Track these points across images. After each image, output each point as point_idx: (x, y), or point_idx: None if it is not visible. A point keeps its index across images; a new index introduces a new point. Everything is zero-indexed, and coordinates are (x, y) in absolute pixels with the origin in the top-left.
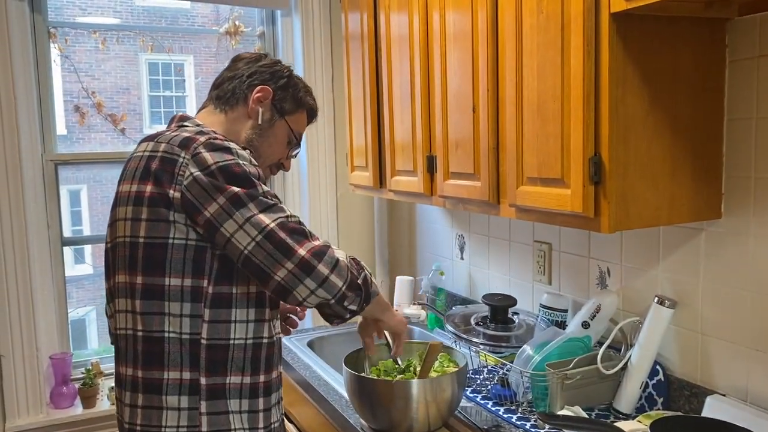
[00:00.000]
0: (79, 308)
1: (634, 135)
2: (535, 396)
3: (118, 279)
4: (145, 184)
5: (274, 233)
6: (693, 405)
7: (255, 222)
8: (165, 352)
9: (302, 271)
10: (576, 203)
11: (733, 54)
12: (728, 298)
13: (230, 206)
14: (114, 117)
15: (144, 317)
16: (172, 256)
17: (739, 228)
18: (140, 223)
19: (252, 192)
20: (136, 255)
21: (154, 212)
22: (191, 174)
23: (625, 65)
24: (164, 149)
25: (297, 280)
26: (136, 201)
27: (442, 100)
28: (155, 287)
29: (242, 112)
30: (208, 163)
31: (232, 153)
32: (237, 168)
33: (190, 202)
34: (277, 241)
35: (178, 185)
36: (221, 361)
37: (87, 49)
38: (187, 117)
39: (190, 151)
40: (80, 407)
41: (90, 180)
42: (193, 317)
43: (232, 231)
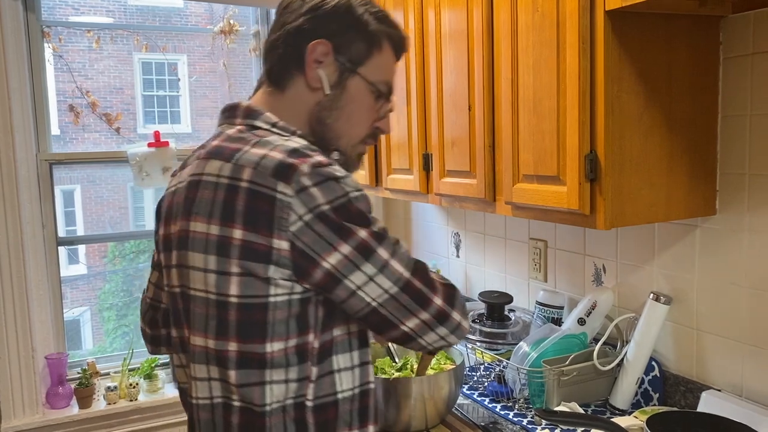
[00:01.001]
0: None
1: (630, 132)
2: (531, 393)
3: (196, 341)
4: (230, 226)
5: (411, 283)
6: (689, 400)
7: (389, 272)
8: (266, 427)
9: (437, 320)
10: (572, 200)
11: (727, 51)
12: (723, 294)
13: (358, 255)
14: (109, 116)
15: (241, 390)
16: (275, 318)
17: (733, 224)
18: (229, 279)
19: (376, 233)
20: (225, 317)
21: (248, 266)
22: (300, 217)
23: (621, 63)
24: (252, 179)
25: (428, 329)
26: (220, 249)
27: (437, 98)
28: (254, 355)
29: (301, 84)
30: (319, 203)
31: (340, 182)
32: (353, 206)
33: (302, 254)
34: (415, 291)
35: (283, 232)
36: (331, 422)
37: (81, 48)
38: (255, 111)
39: (292, 186)
40: (76, 407)
41: (84, 180)
42: (300, 381)
43: (360, 283)
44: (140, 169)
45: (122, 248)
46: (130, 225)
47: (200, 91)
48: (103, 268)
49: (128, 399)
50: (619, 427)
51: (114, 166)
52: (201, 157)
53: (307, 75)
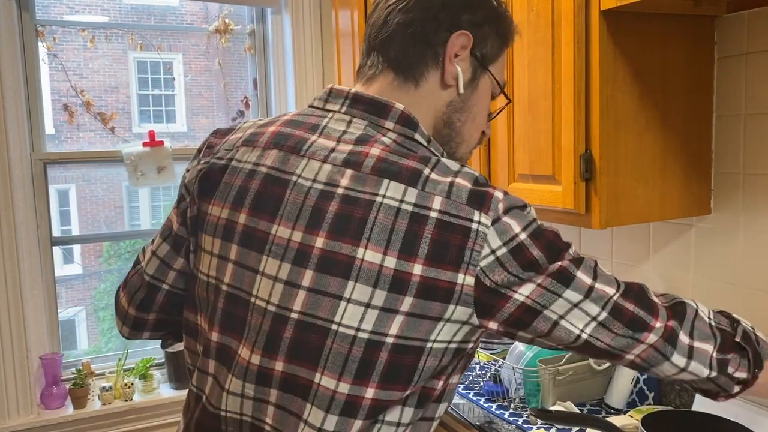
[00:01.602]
0: (69, 308)
1: (625, 131)
2: (527, 392)
3: (317, 378)
4: (410, 259)
5: (622, 306)
6: (683, 399)
7: (597, 296)
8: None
9: (667, 343)
10: (567, 200)
11: (722, 51)
12: (718, 293)
13: (556, 283)
14: (103, 116)
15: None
16: (425, 364)
17: (728, 224)
18: (394, 317)
19: (574, 257)
20: (374, 359)
21: (424, 306)
22: (492, 251)
23: (616, 62)
24: (443, 209)
25: (660, 355)
26: (394, 285)
27: None
28: (386, 403)
29: (435, 79)
30: (515, 233)
31: (527, 211)
32: (548, 234)
33: (489, 291)
34: (628, 316)
35: (472, 266)
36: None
37: (75, 47)
38: (411, 120)
39: (489, 215)
40: (71, 408)
41: (79, 179)
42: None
43: (562, 312)
44: (135, 168)
45: (117, 248)
46: (126, 224)
47: (196, 90)
48: (99, 267)
49: (123, 399)
50: (615, 426)
51: (109, 166)
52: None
53: (446, 70)
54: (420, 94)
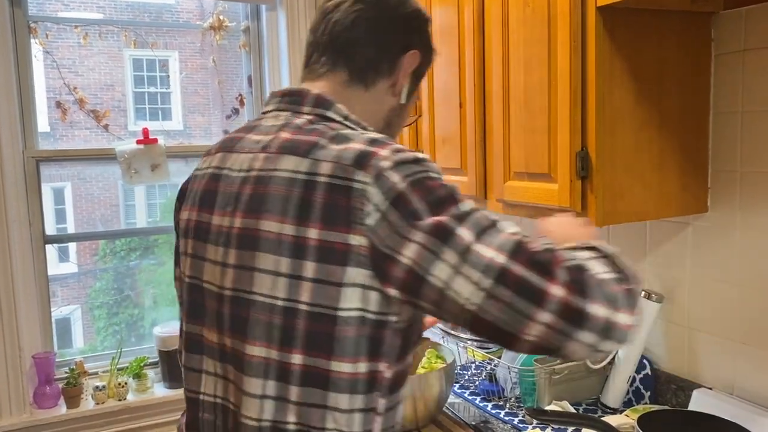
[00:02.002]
0: (64, 307)
1: (621, 129)
2: (522, 391)
3: (251, 350)
4: (307, 225)
5: (508, 272)
6: (680, 399)
7: (475, 259)
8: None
9: (567, 322)
10: (563, 198)
11: (719, 48)
12: (715, 292)
13: (434, 241)
14: (96, 113)
15: (300, 409)
16: (342, 333)
17: (725, 222)
18: (302, 285)
19: (457, 212)
20: (293, 326)
21: (325, 270)
22: (376, 207)
23: (612, 59)
24: (331, 172)
25: (562, 336)
26: (295, 250)
27: (428, 95)
28: (318, 372)
29: (385, 85)
30: (394, 183)
31: (421, 165)
32: (433, 183)
33: (379, 252)
34: (516, 283)
35: (360, 226)
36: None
37: (70, 45)
38: (326, 100)
39: (370, 174)
40: (64, 407)
41: (74, 177)
42: (366, 411)
43: (445, 278)
44: (129, 166)
45: (113, 246)
46: (121, 223)
47: (191, 87)
48: (94, 266)
49: (117, 398)
50: (610, 426)
51: (105, 164)
52: (270, 151)
53: (398, 81)
54: (369, 95)
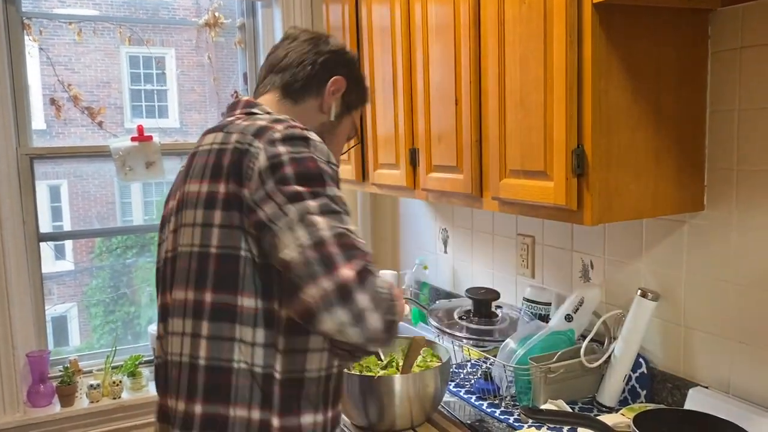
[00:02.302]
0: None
1: (617, 127)
2: (518, 390)
3: (176, 295)
4: (218, 182)
5: (324, 243)
6: (676, 397)
7: (308, 224)
8: (232, 386)
9: (338, 296)
10: (559, 196)
11: (716, 45)
12: (711, 291)
13: (287, 203)
14: (91, 110)
15: (211, 342)
16: (246, 272)
17: (721, 220)
18: (212, 231)
19: (318, 190)
20: (206, 268)
21: (229, 217)
22: (260, 168)
23: (608, 56)
24: (236, 139)
25: (328, 304)
26: (208, 203)
27: (424, 92)
28: (227, 307)
29: (314, 105)
30: (279, 155)
31: (309, 146)
32: (311, 164)
33: (250, 203)
34: (325, 253)
35: (248, 181)
36: (295, 399)
37: (66, 42)
38: (255, 103)
39: (263, 141)
40: (58, 406)
41: (70, 175)
42: (267, 347)
43: (280, 227)
44: (123, 163)
45: (109, 244)
46: (118, 220)
47: (188, 85)
48: (90, 264)
49: (111, 397)
50: (606, 425)
51: (101, 161)
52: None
53: (325, 100)
54: (297, 109)
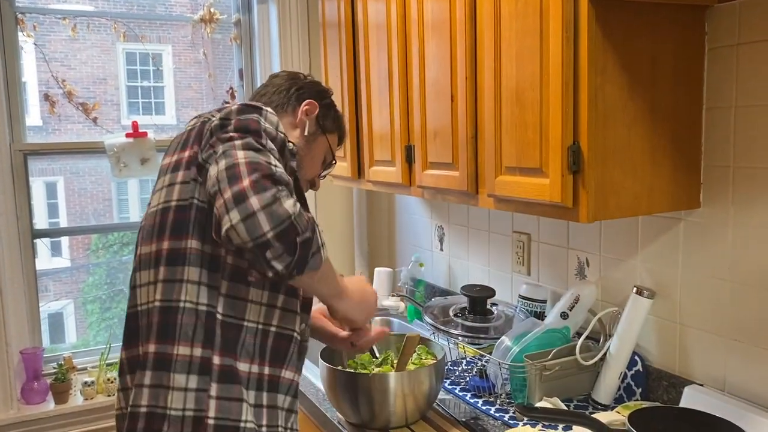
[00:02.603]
0: (56, 302)
1: (613, 123)
2: (513, 387)
3: (142, 250)
4: (184, 150)
5: (237, 165)
6: (671, 395)
7: (228, 154)
8: (178, 324)
9: (233, 201)
10: (554, 193)
11: (713, 41)
12: (707, 288)
13: (219, 144)
14: (86, 106)
15: (165, 285)
16: (195, 217)
17: (717, 218)
18: (174, 188)
19: (246, 136)
20: (166, 220)
21: (188, 174)
22: (210, 128)
23: (605, 52)
24: (204, 117)
25: (225, 210)
26: (174, 168)
27: (420, 88)
28: (179, 251)
29: (289, 121)
30: (228, 118)
31: (260, 113)
32: (252, 123)
33: (201, 152)
34: (234, 172)
35: (202, 140)
36: (234, 342)
37: (62, 38)
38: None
39: (220, 113)
40: (52, 403)
41: (67, 172)
42: (211, 287)
43: (210, 163)
44: (118, 159)
45: (106, 241)
46: (114, 217)
47: (185, 81)
48: (87, 260)
49: (106, 394)
50: (601, 423)
51: (97, 158)
52: None
53: (298, 119)
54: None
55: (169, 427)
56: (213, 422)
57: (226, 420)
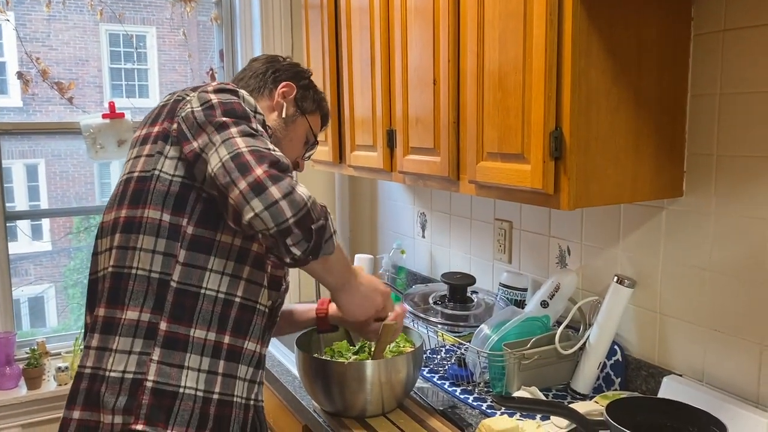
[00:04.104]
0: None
1: (597, 109)
2: (492, 376)
3: (105, 218)
4: (154, 125)
5: (242, 155)
6: (650, 385)
7: (229, 143)
8: (128, 290)
9: (252, 191)
10: (536, 179)
11: (699, 28)
12: (687, 278)
13: (215, 132)
14: (60, 85)
15: (118, 251)
16: (155, 187)
17: (700, 207)
18: (140, 159)
19: (240, 122)
20: (127, 190)
21: (154, 147)
22: (191, 108)
23: (589, 36)
24: (177, 94)
25: (245, 200)
26: (142, 141)
27: (402, 72)
28: (133, 220)
29: (266, 105)
30: (209, 100)
31: (238, 96)
32: (237, 106)
33: (182, 133)
34: (241, 162)
35: (177, 118)
36: (188, 310)
37: (43, 17)
38: None
39: (197, 92)
40: (25, 388)
41: (48, 154)
42: (166, 256)
43: (209, 153)
44: (94, 141)
45: (88, 224)
46: (96, 200)
47: (169, 64)
48: (68, 244)
49: None
50: (577, 413)
51: (79, 140)
52: None
53: (275, 101)
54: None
55: (108, 387)
56: (151, 385)
57: (164, 384)
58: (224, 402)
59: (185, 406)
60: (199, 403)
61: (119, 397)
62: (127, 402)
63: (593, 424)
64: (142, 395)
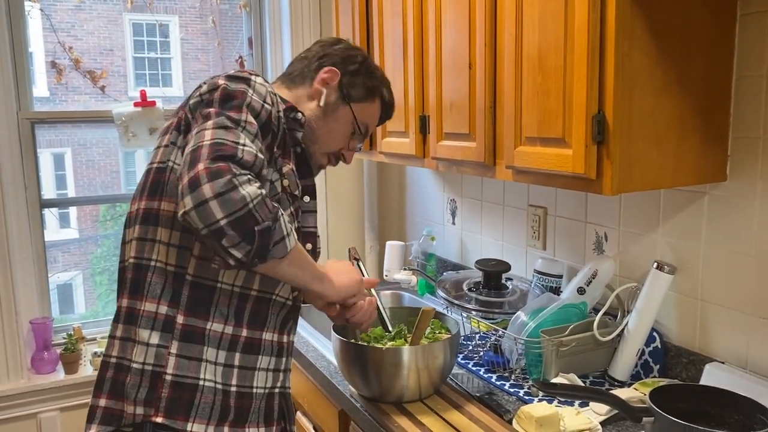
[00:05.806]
0: (66, 273)
1: (640, 92)
2: (528, 363)
3: (130, 208)
4: (176, 115)
5: (200, 147)
6: (690, 372)
7: (199, 135)
8: (147, 281)
9: (189, 187)
10: (578, 164)
11: (745, 7)
12: (730, 264)
13: (199, 121)
14: (93, 74)
15: (138, 243)
16: (169, 179)
17: (744, 191)
18: (159, 150)
19: (225, 112)
20: (146, 181)
21: (170, 138)
22: (200, 95)
23: (633, 17)
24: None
25: (181, 195)
26: (164, 131)
27: (436, 56)
28: (150, 211)
29: (306, 92)
30: (215, 87)
31: (249, 84)
32: (239, 95)
33: (187, 121)
34: (195, 155)
35: (186, 105)
36: (205, 303)
37: (69, 7)
38: None
39: (209, 82)
40: (62, 373)
41: (74, 143)
42: (182, 249)
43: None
44: (126, 129)
45: (114, 212)
46: (122, 189)
47: (192, 53)
48: (95, 232)
49: None
50: (620, 399)
51: (105, 129)
52: None
53: (313, 88)
54: (291, 94)
55: (131, 378)
56: (170, 378)
57: (184, 377)
58: (243, 394)
59: (206, 399)
60: (219, 395)
61: (140, 389)
62: (148, 394)
63: (637, 411)
64: (162, 388)
